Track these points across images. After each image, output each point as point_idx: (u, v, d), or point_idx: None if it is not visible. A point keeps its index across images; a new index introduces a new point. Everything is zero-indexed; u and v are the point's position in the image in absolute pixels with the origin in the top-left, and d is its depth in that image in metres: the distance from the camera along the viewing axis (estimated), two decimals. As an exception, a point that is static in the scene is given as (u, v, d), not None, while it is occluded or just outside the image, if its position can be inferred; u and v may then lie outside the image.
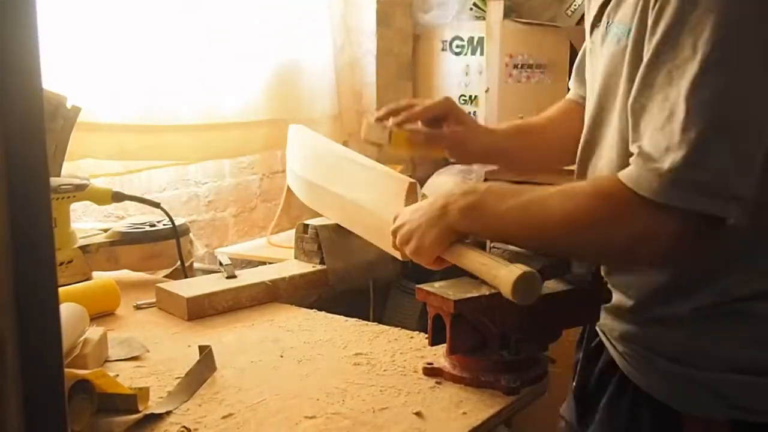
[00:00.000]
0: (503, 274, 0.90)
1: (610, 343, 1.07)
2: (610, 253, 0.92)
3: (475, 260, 0.98)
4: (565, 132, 1.19)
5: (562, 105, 1.30)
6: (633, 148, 0.88)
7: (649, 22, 0.88)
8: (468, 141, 1.21)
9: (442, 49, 3.00)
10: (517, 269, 0.90)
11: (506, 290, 0.89)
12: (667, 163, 0.82)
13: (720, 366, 0.95)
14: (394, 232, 1.06)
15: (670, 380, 0.98)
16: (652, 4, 0.89)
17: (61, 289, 1.23)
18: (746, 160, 0.84)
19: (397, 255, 1.19)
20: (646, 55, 0.88)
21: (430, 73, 3.05)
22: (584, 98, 1.16)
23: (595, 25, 1.06)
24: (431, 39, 3.02)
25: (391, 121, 1.19)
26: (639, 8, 0.91)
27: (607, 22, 1.01)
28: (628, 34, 0.95)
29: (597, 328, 1.11)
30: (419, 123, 1.22)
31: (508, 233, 0.97)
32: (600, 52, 1.03)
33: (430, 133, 1.20)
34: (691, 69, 0.83)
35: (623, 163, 0.93)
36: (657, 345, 0.99)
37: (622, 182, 0.86)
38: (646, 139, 0.86)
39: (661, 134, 0.84)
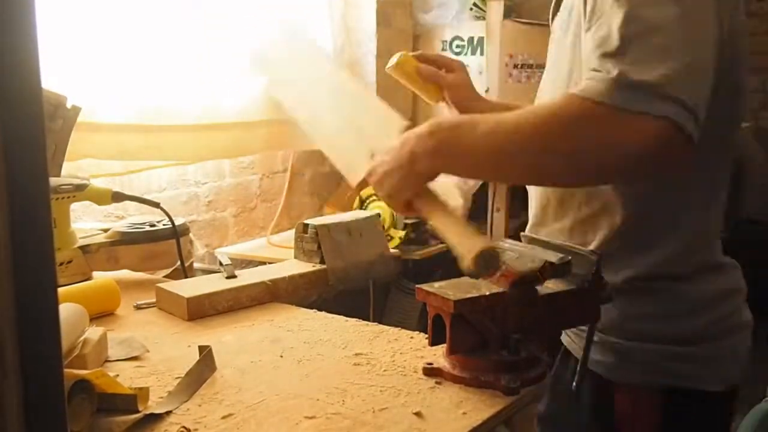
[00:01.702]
0: (466, 244, 0.89)
1: None
2: (581, 165, 0.90)
3: (441, 220, 0.97)
4: None
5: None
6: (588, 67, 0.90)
7: None
8: (468, 96, 1.28)
9: (442, 49, 3.00)
10: (481, 242, 0.88)
11: (466, 261, 0.88)
12: (614, 71, 0.84)
13: (645, 336, 1.02)
14: (369, 174, 1.05)
15: (603, 351, 1.04)
16: None
17: (61, 289, 1.23)
18: (693, 69, 0.85)
19: (353, 182, 1.20)
20: (586, 15, 0.93)
21: (430, 73, 3.05)
22: None
23: (554, 14, 1.12)
24: (431, 39, 3.03)
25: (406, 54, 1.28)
26: None
27: (560, 9, 1.08)
28: (569, 15, 1.02)
29: None
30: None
31: (480, 163, 0.96)
32: (563, 39, 1.06)
33: (437, 72, 1.27)
34: (618, 9, 0.86)
35: None
36: None
37: (577, 94, 0.87)
38: (594, 60, 0.88)
39: (599, 56, 0.87)
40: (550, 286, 0.99)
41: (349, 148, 1.26)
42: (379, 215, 1.73)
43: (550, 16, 1.14)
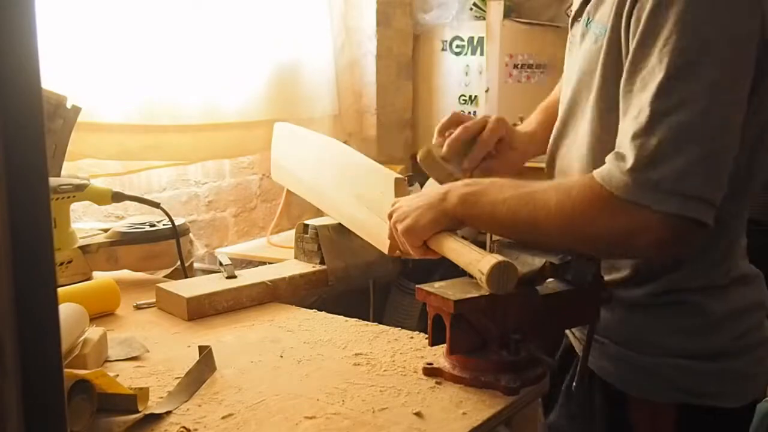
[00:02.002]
0: (480, 262, 0.92)
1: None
2: (594, 248, 0.95)
3: (456, 248, 0.99)
4: None
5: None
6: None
7: (631, 28, 0.92)
8: (516, 162, 1.25)
9: (442, 49, 3.00)
10: (493, 258, 0.90)
11: (482, 279, 0.90)
12: (629, 162, 0.87)
13: (665, 351, 1.01)
14: (392, 212, 1.10)
15: (620, 364, 1.04)
16: (627, 8, 0.92)
17: (61, 289, 1.23)
18: (711, 160, 0.86)
19: (384, 249, 1.22)
20: (626, 63, 0.92)
21: (430, 73, 3.05)
22: None
23: (575, 19, 1.10)
24: (431, 39, 3.02)
25: (449, 167, 1.19)
26: (614, 10, 0.96)
27: (588, 19, 1.05)
28: (605, 34, 0.99)
29: None
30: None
31: (503, 223, 0.99)
32: (579, 48, 1.07)
33: (482, 169, 1.21)
34: (658, 76, 0.87)
35: (594, 157, 1.00)
36: (608, 330, 1.04)
37: (597, 181, 0.90)
38: (619, 140, 0.91)
39: (629, 136, 0.88)
40: (550, 286, 0.99)
41: (365, 220, 1.30)
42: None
43: (570, 21, 1.12)
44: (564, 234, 0.93)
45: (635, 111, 0.89)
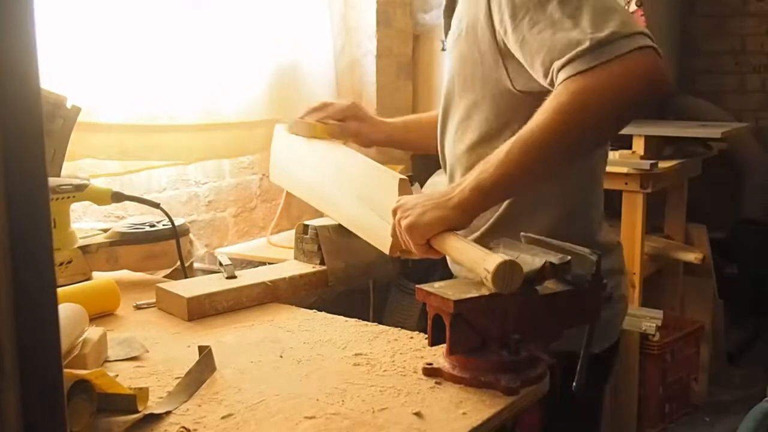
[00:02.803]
0: (485, 261, 0.92)
1: None
2: (612, 112, 1.03)
3: (460, 247, 1.00)
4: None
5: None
6: (553, 75, 1.04)
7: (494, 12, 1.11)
8: (367, 133, 1.55)
9: (442, 49, 2.99)
10: (499, 257, 0.90)
11: (487, 278, 0.90)
12: (585, 42, 1.00)
13: None
14: (396, 209, 1.12)
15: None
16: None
17: (61, 289, 1.23)
18: (628, 16, 1.05)
19: (385, 249, 1.24)
20: (509, 29, 1.09)
21: (430, 73, 3.05)
22: None
23: (446, 31, 1.32)
24: (431, 39, 3.02)
25: (310, 118, 1.53)
26: (473, 2, 1.17)
27: (453, 23, 1.25)
28: (459, 22, 1.21)
29: None
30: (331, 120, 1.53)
31: (516, 175, 1.05)
32: (450, 51, 1.27)
33: (340, 125, 1.52)
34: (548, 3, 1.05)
35: (469, 131, 1.22)
36: None
37: (567, 78, 1.01)
38: (551, 56, 1.03)
39: (563, 41, 1.02)
40: (550, 286, 0.99)
41: (366, 220, 1.32)
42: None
43: (444, 38, 1.33)
44: (573, 138, 1.03)
45: (548, 32, 1.04)
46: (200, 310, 1.29)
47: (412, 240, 1.08)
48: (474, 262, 0.95)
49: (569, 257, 0.97)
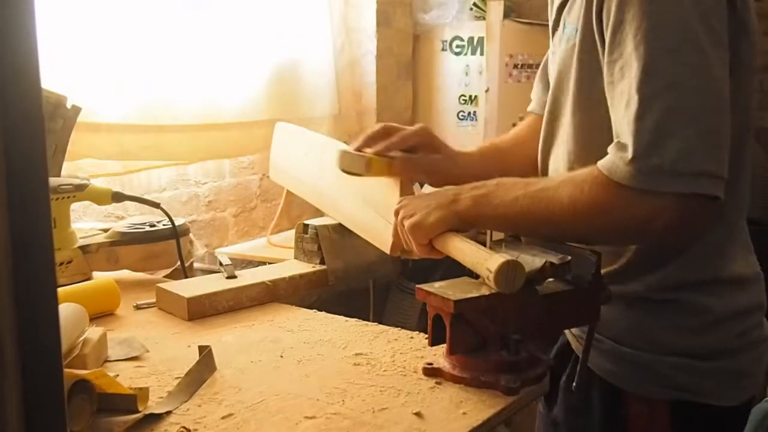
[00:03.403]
0: (488, 261, 0.92)
1: None
2: (622, 234, 0.96)
3: (462, 247, 0.99)
4: (533, 150, 1.19)
5: (530, 121, 1.33)
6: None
7: (603, 19, 0.94)
8: (444, 169, 1.22)
9: (442, 49, 3.00)
10: (501, 257, 0.90)
11: (490, 277, 0.90)
12: (630, 151, 0.87)
13: (662, 349, 1.02)
14: (399, 209, 1.09)
15: (616, 361, 1.04)
16: (596, 3, 0.95)
17: (61, 289, 1.23)
18: (709, 135, 0.87)
19: (386, 248, 1.22)
20: (604, 55, 0.95)
21: (430, 73, 3.05)
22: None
23: (554, 29, 1.13)
24: (431, 39, 3.02)
25: (369, 150, 1.18)
26: (583, 8, 0.99)
27: (563, 25, 1.08)
28: (576, 33, 1.01)
29: None
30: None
31: (516, 221, 1.00)
32: (558, 53, 1.09)
33: (408, 161, 1.19)
34: (637, 61, 0.88)
35: (581, 153, 1.03)
36: (605, 326, 1.04)
37: (603, 173, 0.90)
38: (617, 130, 0.92)
39: (624, 125, 0.89)
40: (550, 286, 0.99)
41: (366, 219, 1.30)
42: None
43: (551, 33, 1.15)
44: (579, 228, 0.95)
45: (624, 100, 0.90)
46: (200, 310, 1.29)
47: (415, 240, 1.06)
48: (477, 263, 0.95)
49: (569, 257, 0.97)
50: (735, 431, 1.08)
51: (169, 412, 0.91)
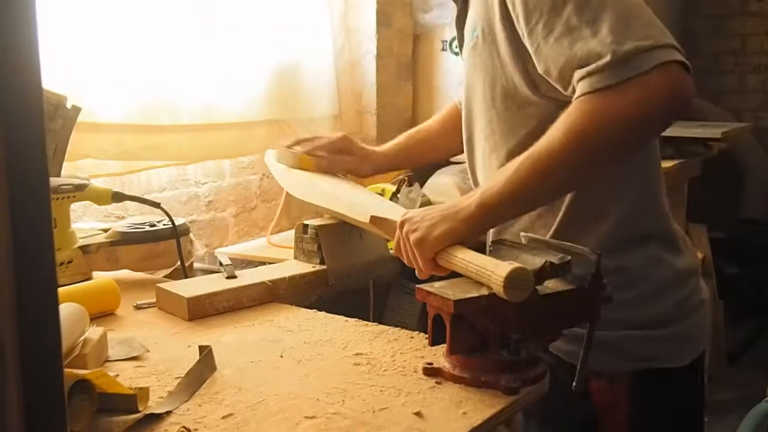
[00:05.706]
0: (495, 271, 0.92)
1: None
2: (634, 132, 0.98)
3: (467, 260, 0.99)
4: (452, 136, 1.38)
5: (451, 108, 1.51)
6: (574, 84, 0.99)
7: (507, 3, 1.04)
8: (356, 168, 1.54)
9: (442, 49, 3.00)
10: (508, 265, 0.90)
11: (498, 287, 0.90)
12: (605, 55, 0.93)
13: (615, 324, 1.08)
14: (403, 222, 1.10)
15: (574, 342, 1.07)
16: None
17: (61, 289, 1.23)
18: (652, 22, 0.97)
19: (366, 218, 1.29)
20: (524, 32, 1.03)
21: (430, 73, 3.05)
22: None
23: (460, 44, 1.25)
24: (431, 39, 3.02)
25: (297, 148, 1.53)
26: (479, 4, 1.11)
27: (464, 35, 1.20)
28: (474, 31, 1.13)
29: None
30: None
31: (528, 189, 1.02)
32: (466, 61, 1.20)
33: (329, 160, 1.52)
34: (563, 6, 0.98)
35: (498, 147, 1.15)
36: None
37: (586, 93, 0.95)
38: (574, 65, 0.97)
39: (584, 52, 0.96)
40: (550, 286, 0.99)
41: (358, 203, 1.39)
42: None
43: (459, 50, 1.27)
44: (585, 161, 0.98)
45: (566, 40, 0.97)
46: (200, 310, 1.29)
47: (421, 255, 1.05)
48: (483, 273, 0.94)
49: (569, 257, 0.97)
50: (688, 387, 1.17)
51: (169, 412, 0.91)
